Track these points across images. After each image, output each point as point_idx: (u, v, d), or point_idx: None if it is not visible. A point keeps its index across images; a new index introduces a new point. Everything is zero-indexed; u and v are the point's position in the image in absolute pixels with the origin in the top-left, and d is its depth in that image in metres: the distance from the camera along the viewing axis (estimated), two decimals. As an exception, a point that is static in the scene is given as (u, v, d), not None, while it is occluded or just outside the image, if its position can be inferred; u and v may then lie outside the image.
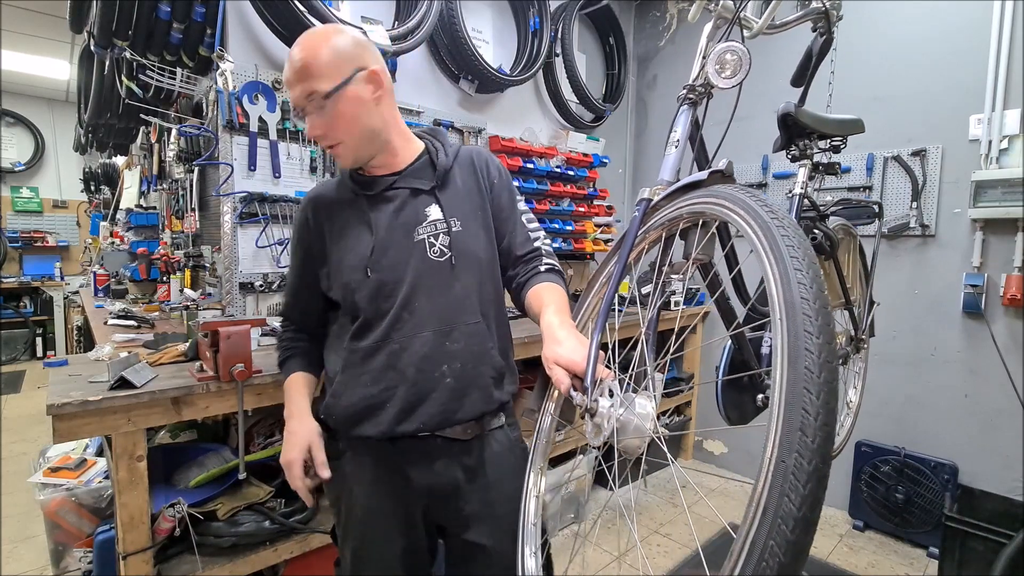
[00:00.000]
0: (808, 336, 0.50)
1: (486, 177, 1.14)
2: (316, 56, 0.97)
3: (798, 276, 0.54)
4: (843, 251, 1.51)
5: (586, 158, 3.31)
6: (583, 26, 3.52)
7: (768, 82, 3.10)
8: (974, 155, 2.37)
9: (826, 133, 1.36)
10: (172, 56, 2.07)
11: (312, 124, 1.01)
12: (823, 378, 0.48)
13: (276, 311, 2.17)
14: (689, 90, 0.89)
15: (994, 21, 2.30)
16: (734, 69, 0.83)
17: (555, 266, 1.14)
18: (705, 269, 1.02)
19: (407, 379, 1.03)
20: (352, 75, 0.98)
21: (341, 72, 0.98)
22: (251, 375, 1.42)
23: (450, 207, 1.08)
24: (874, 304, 1.73)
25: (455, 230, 1.06)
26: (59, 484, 1.83)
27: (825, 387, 0.48)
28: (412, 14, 2.33)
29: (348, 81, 0.98)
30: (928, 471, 2.46)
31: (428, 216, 1.07)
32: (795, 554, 0.45)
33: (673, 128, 0.89)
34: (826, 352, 0.50)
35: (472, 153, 1.17)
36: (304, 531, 1.63)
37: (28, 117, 6.48)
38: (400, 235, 1.06)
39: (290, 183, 2.17)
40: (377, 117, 1.04)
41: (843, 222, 1.50)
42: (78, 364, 1.56)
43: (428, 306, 1.04)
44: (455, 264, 1.05)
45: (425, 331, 1.03)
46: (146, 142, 3.23)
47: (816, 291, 0.53)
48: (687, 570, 2.32)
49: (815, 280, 0.54)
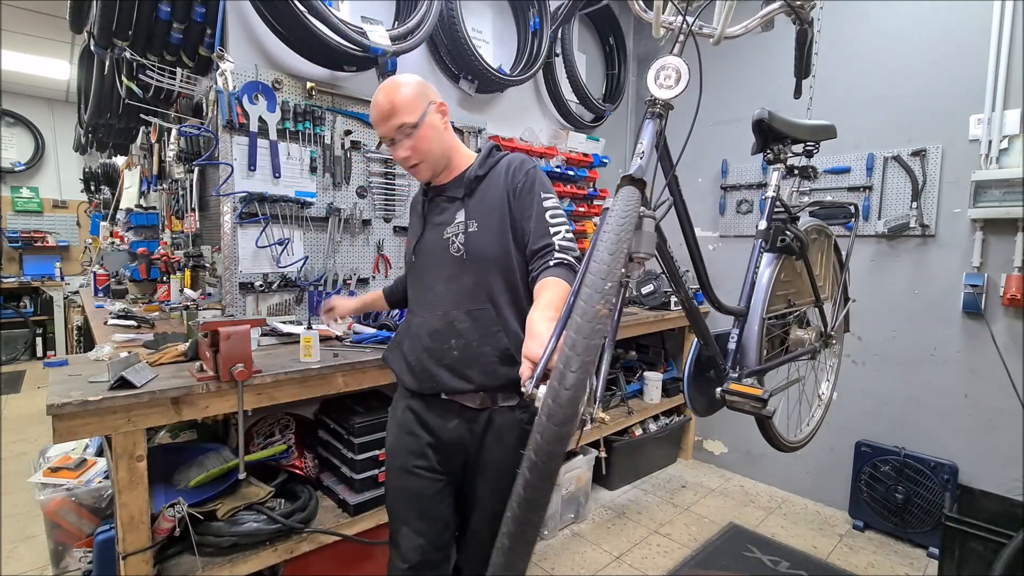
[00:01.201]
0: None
1: (511, 182, 1.29)
2: (401, 97, 1.24)
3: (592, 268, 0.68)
4: (815, 251, 1.55)
5: (586, 158, 3.31)
6: (583, 26, 3.53)
7: (769, 82, 3.11)
8: (974, 155, 2.37)
9: (799, 138, 1.39)
10: (172, 56, 2.07)
11: (401, 149, 1.28)
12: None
13: (276, 311, 2.18)
14: (651, 103, 0.94)
15: (994, 21, 2.30)
16: (673, 81, 0.91)
17: (565, 259, 1.20)
18: (669, 269, 1.07)
19: (423, 345, 1.31)
20: (427, 108, 1.26)
21: (420, 106, 1.26)
22: (251, 375, 1.42)
23: (472, 211, 1.29)
24: (848, 300, 1.76)
25: (471, 231, 1.27)
26: (59, 484, 1.83)
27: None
28: (412, 14, 2.33)
29: (426, 113, 1.26)
30: (928, 471, 2.46)
31: (456, 219, 1.30)
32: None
33: (640, 139, 0.93)
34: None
35: (507, 161, 1.33)
36: (304, 531, 1.64)
37: (28, 117, 6.48)
38: (436, 232, 1.33)
39: (290, 183, 2.17)
40: (448, 139, 1.33)
41: (817, 222, 1.54)
42: (78, 364, 1.56)
43: (445, 291, 1.30)
44: (466, 259, 1.27)
45: (440, 310, 1.29)
46: (146, 142, 3.23)
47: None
48: (687, 570, 2.32)
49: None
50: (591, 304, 0.65)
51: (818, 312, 1.60)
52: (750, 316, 1.32)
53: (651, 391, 3.21)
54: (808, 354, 1.53)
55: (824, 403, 1.79)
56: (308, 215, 2.23)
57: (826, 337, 1.58)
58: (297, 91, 2.17)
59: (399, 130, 1.25)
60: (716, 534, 2.61)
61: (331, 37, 2.00)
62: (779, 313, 1.42)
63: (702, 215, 3.38)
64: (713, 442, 3.45)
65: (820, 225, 1.56)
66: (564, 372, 0.65)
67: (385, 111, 1.25)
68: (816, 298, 1.54)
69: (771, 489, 3.12)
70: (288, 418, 1.98)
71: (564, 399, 0.65)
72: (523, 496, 0.66)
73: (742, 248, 3.23)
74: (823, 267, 1.61)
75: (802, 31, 1.10)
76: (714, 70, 3.25)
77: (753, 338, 1.31)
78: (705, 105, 3.52)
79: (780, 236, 1.32)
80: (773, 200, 1.37)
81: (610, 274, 0.66)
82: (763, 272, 1.36)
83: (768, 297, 1.32)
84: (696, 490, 3.11)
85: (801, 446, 1.65)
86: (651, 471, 3.31)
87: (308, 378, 1.58)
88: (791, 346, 1.50)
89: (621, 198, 0.76)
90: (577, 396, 0.65)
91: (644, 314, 2.97)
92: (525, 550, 0.68)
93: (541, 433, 0.65)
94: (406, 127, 1.25)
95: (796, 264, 1.44)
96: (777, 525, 2.72)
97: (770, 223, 1.34)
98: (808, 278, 1.49)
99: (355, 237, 2.38)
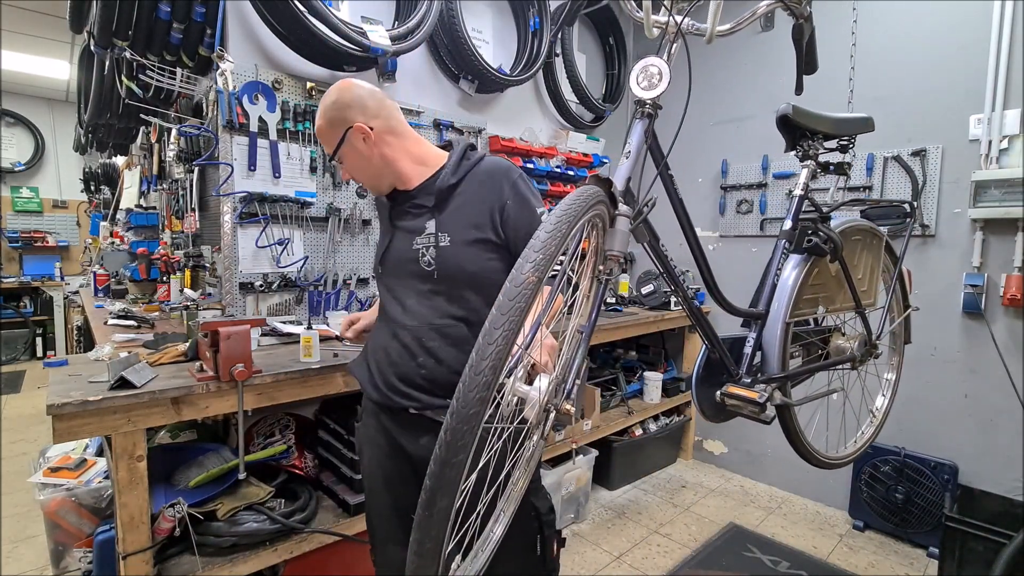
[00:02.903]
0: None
1: (498, 197, 1.20)
2: (320, 126, 1.23)
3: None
4: (862, 253, 1.46)
5: (586, 158, 3.31)
6: (583, 26, 3.53)
7: (770, 80, 3.11)
8: (974, 155, 2.37)
9: (829, 133, 1.34)
10: (172, 56, 2.06)
11: (341, 171, 1.30)
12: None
13: (276, 311, 2.18)
14: (639, 104, 0.94)
15: (994, 21, 2.30)
16: (652, 82, 0.92)
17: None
18: (665, 269, 1.05)
19: (391, 361, 1.23)
20: (344, 135, 1.20)
21: (336, 134, 1.21)
22: (251, 375, 1.42)
23: (444, 224, 1.20)
24: (909, 308, 1.64)
25: (442, 245, 1.19)
26: (59, 484, 1.83)
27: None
28: (412, 14, 2.33)
29: (342, 141, 1.21)
30: (928, 471, 2.46)
31: (426, 229, 1.22)
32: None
33: (627, 139, 0.93)
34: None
35: (489, 168, 1.23)
36: (304, 531, 1.64)
37: (28, 117, 6.48)
38: (405, 242, 1.24)
39: (290, 183, 2.17)
40: (376, 160, 1.23)
41: (861, 223, 1.45)
42: (78, 364, 1.56)
43: (416, 305, 1.22)
44: (437, 275, 1.19)
45: (409, 325, 1.22)
46: (146, 142, 3.23)
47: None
48: (687, 570, 2.32)
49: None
50: (520, 272, 0.66)
51: (860, 319, 1.48)
52: (771, 320, 1.25)
53: (651, 391, 3.21)
54: (846, 364, 1.43)
55: (877, 421, 1.67)
56: (308, 215, 2.23)
57: (871, 347, 1.47)
58: (297, 91, 2.17)
59: (329, 157, 1.32)
60: (716, 534, 2.61)
61: (331, 37, 2.00)
62: (809, 318, 1.34)
63: (702, 215, 3.38)
64: (713, 442, 3.45)
65: (867, 226, 1.47)
66: (490, 330, 0.63)
67: (318, 135, 1.27)
68: (857, 304, 1.43)
69: (771, 489, 3.12)
70: (288, 418, 1.98)
71: (488, 354, 0.61)
72: (427, 485, 0.62)
73: (742, 248, 3.23)
74: (870, 271, 1.50)
75: (798, 26, 1.09)
76: (714, 70, 3.25)
77: (774, 343, 1.24)
78: (705, 105, 3.51)
79: (807, 236, 1.25)
80: (801, 199, 1.30)
81: (544, 248, 0.67)
82: (788, 274, 1.28)
83: (793, 300, 1.25)
84: (696, 490, 3.11)
85: (843, 463, 1.53)
86: (651, 471, 3.31)
87: (308, 378, 1.58)
88: (831, 354, 1.41)
89: (577, 190, 0.77)
90: (500, 359, 0.61)
91: (644, 314, 2.97)
92: (433, 550, 0.63)
93: (456, 400, 0.62)
94: (329, 152, 1.25)
95: (831, 267, 1.35)
96: (777, 525, 2.72)
97: (796, 222, 1.28)
98: (847, 282, 1.39)
99: (355, 237, 2.38)
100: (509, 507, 0.90)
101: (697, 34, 1.01)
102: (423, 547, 0.62)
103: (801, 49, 1.13)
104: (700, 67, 3.29)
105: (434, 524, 0.61)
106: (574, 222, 0.71)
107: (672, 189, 1.06)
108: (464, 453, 0.61)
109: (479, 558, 0.83)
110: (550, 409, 0.78)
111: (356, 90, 1.22)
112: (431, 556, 0.63)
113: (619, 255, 0.82)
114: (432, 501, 0.61)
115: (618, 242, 0.82)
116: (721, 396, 1.20)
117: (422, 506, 0.62)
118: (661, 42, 0.98)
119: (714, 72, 3.25)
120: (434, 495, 0.61)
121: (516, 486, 0.91)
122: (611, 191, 0.83)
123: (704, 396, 1.24)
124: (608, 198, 0.82)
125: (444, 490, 0.61)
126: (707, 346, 1.21)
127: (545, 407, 0.77)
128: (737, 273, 1.36)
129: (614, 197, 0.84)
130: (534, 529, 1.29)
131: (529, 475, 0.93)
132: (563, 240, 0.69)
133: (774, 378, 1.24)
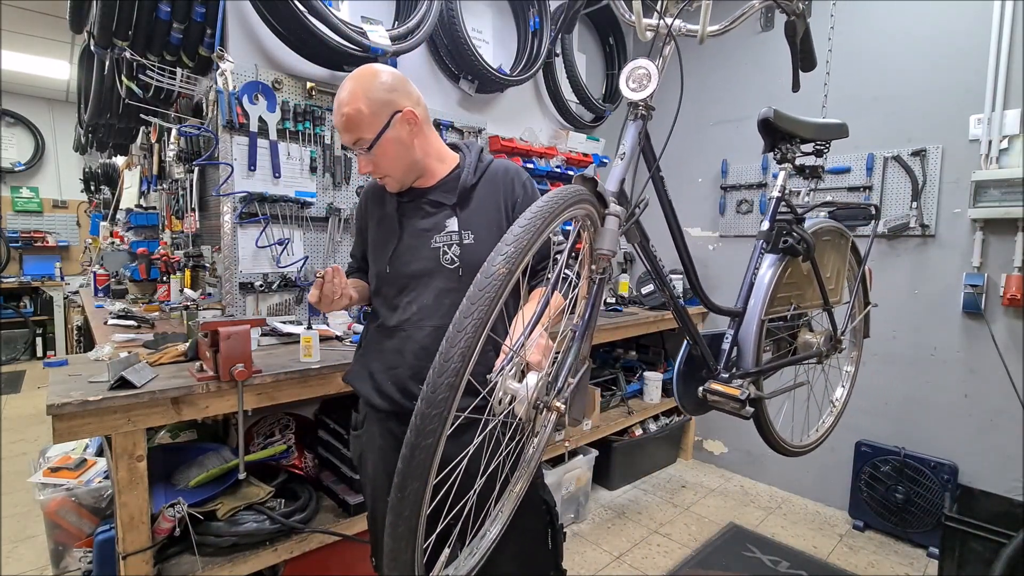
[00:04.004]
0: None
1: (510, 194, 1.23)
2: (358, 110, 1.12)
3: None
4: (831, 253, 1.52)
5: (586, 158, 3.31)
6: (583, 26, 3.53)
7: (770, 80, 3.11)
8: (974, 155, 2.37)
9: (806, 137, 1.37)
10: (172, 56, 2.06)
11: (362, 164, 1.19)
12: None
13: (276, 311, 2.18)
14: (632, 106, 0.96)
15: (994, 21, 2.30)
16: (641, 84, 0.93)
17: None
18: (653, 268, 1.07)
19: (408, 363, 1.19)
20: (390, 120, 1.13)
21: (380, 120, 1.13)
22: (251, 375, 1.42)
23: (467, 221, 1.20)
24: (869, 305, 1.72)
25: (467, 242, 1.19)
26: (59, 484, 1.83)
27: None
28: (412, 14, 2.33)
29: (387, 127, 1.13)
30: (928, 471, 2.46)
31: (446, 227, 1.20)
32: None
33: (621, 141, 0.94)
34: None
35: (501, 169, 1.26)
36: (304, 531, 1.64)
37: (28, 117, 6.48)
38: (421, 240, 1.21)
39: (290, 183, 2.17)
40: (416, 150, 1.19)
41: (830, 224, 1.51)
42: (78, 364, 1.56)
43: (434, 304, 1.19)
44: (462, 273, 1.18)
45: (428, 324, 1.18)
46: (146, 142, 3.23)
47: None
48: (687, 570, 2.32)
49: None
50: (491, 264, 0.67)
51: (828, 316, 1.55)
52: (747, 317, 1.30)
53: (651, 391, 3.21)
54: (813, 358, 1.49)
55: (837, 410, 1.74)
56: (308, 215, 2.23)
57: (835, 342, 1.54)
58: (297, 91, 2.17)
59: (357, 144, 1.15)
60: (716, 534, 2.61)
61: (331, 37, 2.00)
62: (782, 315, 1.40)
63: (702, 215, 3.37)
64: (713, 442, 3.45)
65: (835, 227, 1.52)
66: (460, 319, 0.64)
67: (343, 122, 1.14)
68: (825, 301, 1.49)
69: (771, 489, 3.12)
70: (288, 418, 1.98)
71: (457, 341, 0.62)
72: (399, 468, 0.63)
73: (742, 248, 3.23)
74: (838, 270, 1.56)
75: (790, 23, 1.10)
76: (713, 70, 3.25)
77: (750, 340, 1.29)
78: (705, 105, 3.53)
79: (783, 237, 1.30)
80: (778, 200, 1.35)
81: (516, 241, 0.68)
82: (764, 273, 1.34)
83: (768, 299, 1.30)
84: (696, 490, 3.11)
85: (807, 451, 1.61)
86: (651, 471, 3.31)
87: (308, 378, 1.58)
88: (799, 349, 1.47)
89: (557, 189, 0.77)
90: (469, 346, 0.62)
91: (644, 314, 2.97)
92: (406, 532, 0.64)
93: (427, 385, 0.62)
94: (363, 143, 1.14)
95: (803, 266, 1.40)
96: (777, 525, 2.72)
97: (773, 223, 1.32)
98: (816, 281, 1.45)
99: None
100: (507, 507, 0.90)
101: (690, 35, 1.02)
102: (396, 529, 0.64)
103: (795, 46, 1.14)
104: (700, 68, 3.29)
105: (406, 506, 0.63)
106: (548, 218, 0.71)
107: (663, 191, 1.08)
108: (433, 437, 0.62)
109: (473, 556, 0.83)
110: (539, 406, 0.78)
111: (397, 73, 1.16)
112: (404, 538, 0.64)
113: (609, 254, 0.82)
114: (403, 484, 0.63)
115: (607, 241, 0.82)
116: (703, 392, 1.24)
117: (395, 489, 0.64)
118: (652, 44, 0.99)
119: (714, 72, 3.25)
120: (405, 479, 0.63)
121: (515, 487, 0.91)
122: (597, 190, 0.83)
123: (685, 391, 1.29)
124: (596, 197, 0.82)
125: (414, 473, 0.62)
126: (689, 343, 1.25)
127: (534, 404, 0.77)
128: (737, 273, 1.36)
129: (602, 196, 0.84)
130: (545, 523, 1.29)
131: (529, 477, 0.93)
132: (537, 234, 0.69)
133: (749, 373, 1.28)
